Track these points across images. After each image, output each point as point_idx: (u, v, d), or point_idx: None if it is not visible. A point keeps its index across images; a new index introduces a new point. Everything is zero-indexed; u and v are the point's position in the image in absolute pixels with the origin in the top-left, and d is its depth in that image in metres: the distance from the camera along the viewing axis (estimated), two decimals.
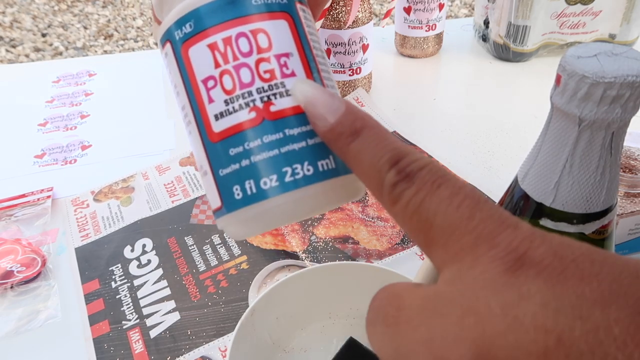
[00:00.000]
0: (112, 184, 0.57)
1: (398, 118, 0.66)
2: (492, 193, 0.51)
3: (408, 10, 0.74)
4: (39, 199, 0.53)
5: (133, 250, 0.48)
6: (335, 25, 0.62)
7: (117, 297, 0.43)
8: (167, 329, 0.40)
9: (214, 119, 0.18)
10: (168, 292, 0.43)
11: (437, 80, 0.76)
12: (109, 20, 2.34)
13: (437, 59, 0.80)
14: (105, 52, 2.11)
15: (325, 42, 0.63)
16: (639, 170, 0.40)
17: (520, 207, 0.25)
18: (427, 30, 0.76)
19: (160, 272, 0.45)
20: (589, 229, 0.24)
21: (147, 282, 0.45)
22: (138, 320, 0.41)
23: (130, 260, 0.47)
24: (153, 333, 0.40)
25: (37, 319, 0.42)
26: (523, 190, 0.25)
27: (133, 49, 2.14)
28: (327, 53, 0.65)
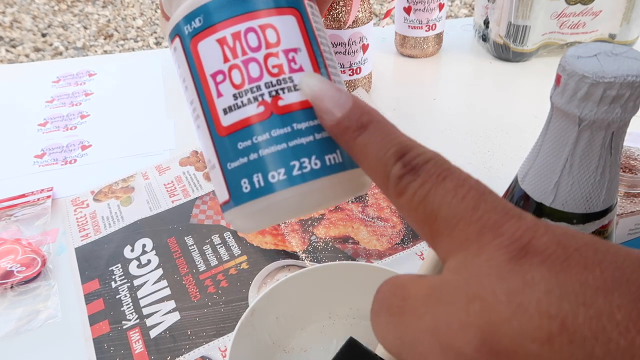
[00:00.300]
0: (112, 184, 0.57)
1: (398, 118, 0.66)
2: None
3: (408, 10, 0.74)
4: (39, 199, 0.53)
5: (133, 250, 0.48)
6: (335, 25, 0.62)
7: (117, 297, 0.43)
8: (167, 329, 0.40)
9: (223, 113, 0.18)
10: (168, 292, 0.43)
11: (437, 80, 0.76)
12: (109, 20, 2.34)
13: (437, 59, 0.80)
14: (105, 52, 2.11)
15: None
16: (639, 170, 0.40)
17: (520, 207, 0.25)
18: (427, 30, 0.76)
19: (160, 272, 0.45)
20: (589, 229, 0.24)
21: (147, 282, 0.45)
22: (138, 320, 0.41)
23: (130, 260, 0.47)
24: (153, 333, 0.40)
25: (37, 319, 0.42)
26: (523, 190, 0.25)
27: (133, 49, 2.14)
28: None
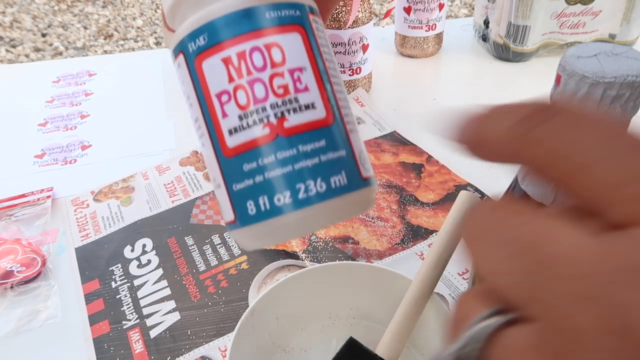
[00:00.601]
0: (112, 184, 0.57)
1: (398, 118, 0.66)
2: (492, 193, 0.51)
3: (408, 10, 0.74)
4: (39, 199, 0.53)
5: (133, 250, 0.48)
6: (335, 25, 0.62)
7: (117, 297, 0.43)
8: (167, 329, 0.40)
9: (228, 134, 0.18)
10: (168, 292, 0.43)
11: (437, 80, 0.76)
12: (109, 20, 2.34)
13: (437, 59, 0.80)
14: (105, 52, 2.11)
15: None
16: None
17: None
18: (427, 30, 0.76)
19: (160, 272, 0.45)
20: None
21: (147, 282, 0.45)
22: (138, 320, 0.41)
23: (130, 260, 0.47)
24: (153, 333, 0.40)
25: (37, 319, 0.42)
26: (523, 190, 0.25)
27: (133, 49, 2.14)
28: None
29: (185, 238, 0.49)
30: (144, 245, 0.48)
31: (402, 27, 0.77)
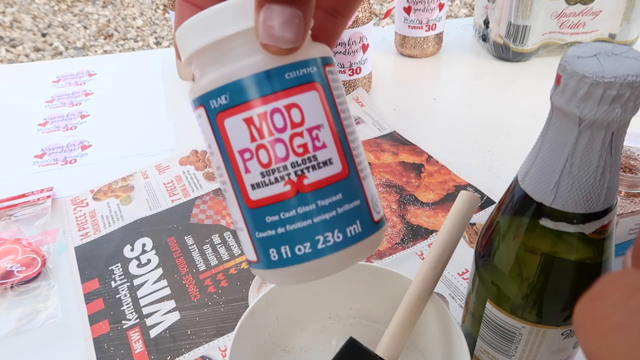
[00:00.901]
0: (111, 183, 0.57)
1: (398, 118, 0.66)
2: (492, 193, 0.51)
3: (408, 10, 0.74)
4: (39, 199, 0.53)
5: (133, 250, 0.48)
6: None
7: (117, 296, 0.43)
8: (167, 329, 0.40)
9: (251, 188, 0.19)
10: (168, 291, 0.43)
11: (437, 80, 0.76)
12: (109, 20, 2.34)
13: (437, 59, 0.80)
14: (105, 52, 2.11)
15: None
16: (639, 170, 0.40)
17: (521, 207, 0.25)
18: (427, 30, 0.76)
19: (160, 271, 0.45)
20: (589, 229, 0.24)
21: (147, 281, 0.45)
22: (138, 320, 0.41)
23: (130, 260, 0.47)
24: (153, 333, 0.40)
25: (37, 319, 0.42)
26: (523, 190, 0.25)
27: (133, 49, 2.14)
28: None
29: (185, 237, 0.49)
30: (144, 245, 0.48)
31: (402, 27, 0.77)
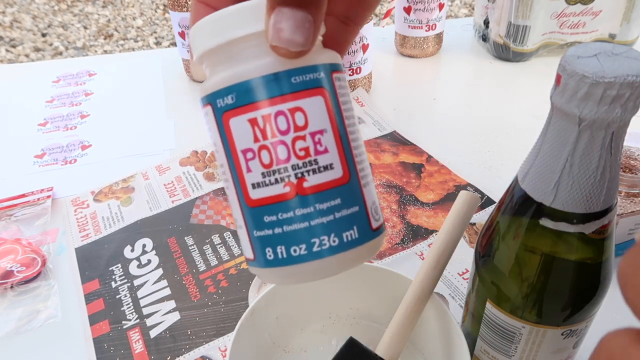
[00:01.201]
0: (112, 184, 0.57)
1: (398, 118, 0.66)
2: (492, 193, 0.51)
3: (408, 10, 0.74)
4: (39, 199, 0.53)
5: (133, 250, 0.48)
6: None
7: (117, 297, 0.43)
8: (167, 329, 0.40)
9: (251, 187, 0.19)
10: (168, 292, 0.43)
11: (437, 80, 0.76)
12: (109, 20, 2.34)
13: (437, 59, 0.80)
14: (105, 52, 2.11)
15: None
16: (639, 170, 0.40)
17: (520, 207, 0.25)
18: (427, 30, 0.76)
19: (160, 272, 0.45)
20: (589, 229, 0.24)
21: (147, 282, 0.45)
22: (138, 320, 0.41)
23: (130, 260, 0.47)
24: (153, 333, 0.40)
25: (37, 319, 0.42)
26: (523, 190, 0.25)
27: (133, 49, 2.14)
28: None
29: (185, 238, 0.49)
30: (144, 245, 0.48)
31: (402, 27, 0.77)
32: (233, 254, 0.46)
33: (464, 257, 0.44)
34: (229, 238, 0.48)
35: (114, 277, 0.45)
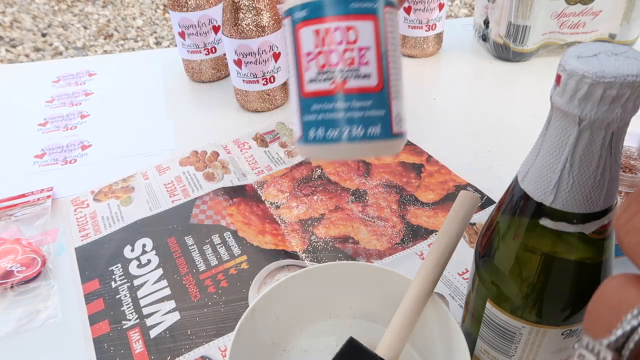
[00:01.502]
0: (112, 184, 0.57)
1: None
2: (492, 193, 0.51)
3: (408, 10, 0.74)
4: (39, 199, 0.53)
5: (133, 250, 0.48)
6: None
7: (117, 297, 0.43)
8: (167, 329, 0.40)
9: (307, 81, 0.25)
10: (168, 292, 0.43)
11: (437, 80, 0.76)
12: (109, 20, 2.34)
13: (437, 59, 0.80)
14: (105, 52, 2.11)
15: None
16: (639, 170, 0.40)
17: (520, 207, 0.25)
18: (427, 30, 0.76)
19: (160, 272, 0.45)
20: (589, 229, 0.24)
21: (147, 282, 0.45)
22: (138, 320, 0.41)
23: (130, 260, 0.47)
24: (153, 333, 0.40)
25: (37, 319, 0.42)
26: (523, 190, 0.25)
27: (133, 49, 2.14)
28: None
29: (185, 238, 0.49)
30: (144, 245, 0.48)
31: (402, 27, 0.77)
32: (233, 254, 0.46)
33: (464, 257, 0.44)
34: (229, 238, 0.48)
35: (114, 277, 0.45)
